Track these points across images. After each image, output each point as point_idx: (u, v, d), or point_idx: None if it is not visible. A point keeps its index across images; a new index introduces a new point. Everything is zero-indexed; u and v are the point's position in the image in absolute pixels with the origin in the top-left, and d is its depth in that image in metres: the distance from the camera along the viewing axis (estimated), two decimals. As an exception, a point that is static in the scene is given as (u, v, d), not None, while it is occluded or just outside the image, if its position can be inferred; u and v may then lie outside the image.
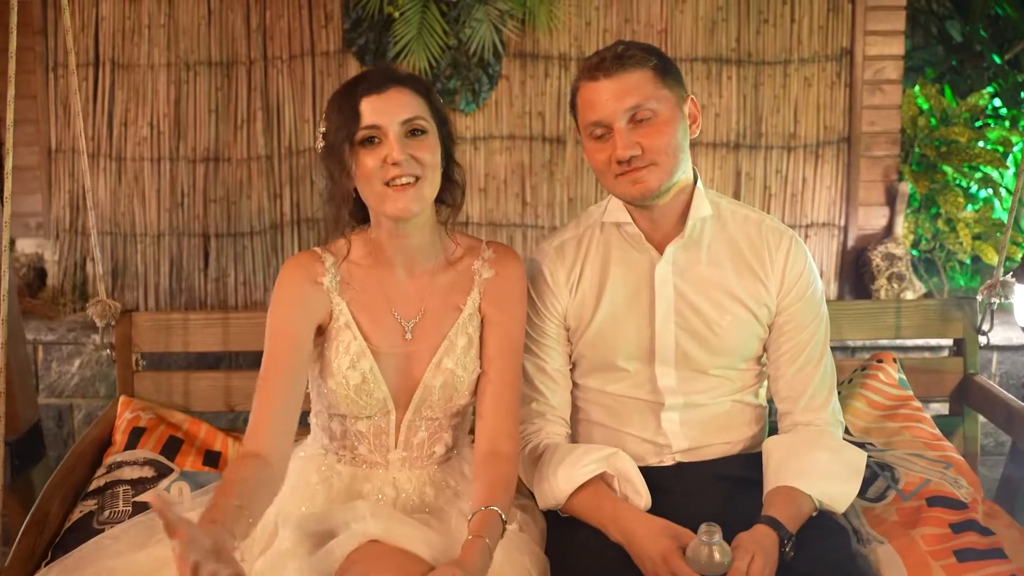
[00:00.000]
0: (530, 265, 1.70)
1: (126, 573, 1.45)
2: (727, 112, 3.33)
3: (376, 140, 1.41)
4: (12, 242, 3.39)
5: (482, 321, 1.55)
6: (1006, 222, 2.11)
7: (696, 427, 1.65)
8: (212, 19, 3.31)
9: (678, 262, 1.62)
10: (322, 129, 1.47)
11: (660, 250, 1.62)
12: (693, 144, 1.51)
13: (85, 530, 1.69)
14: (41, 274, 3.46)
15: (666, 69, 1.54)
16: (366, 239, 1.53)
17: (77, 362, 3.20)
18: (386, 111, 1.41)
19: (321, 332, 1.51)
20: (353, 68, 3.29)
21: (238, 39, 3.31)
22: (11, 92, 1.75)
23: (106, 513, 1.75)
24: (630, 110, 1.50)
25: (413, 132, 1.42)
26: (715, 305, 1.61)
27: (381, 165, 1.40)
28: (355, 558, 1.32)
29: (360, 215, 1.52)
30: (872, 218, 3.40)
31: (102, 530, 1.65)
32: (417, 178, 1.41)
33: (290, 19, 3.29)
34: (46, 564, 1.61)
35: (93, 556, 1.49)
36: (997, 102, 3.65)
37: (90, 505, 1.78)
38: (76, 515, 1.76)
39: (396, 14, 3.14)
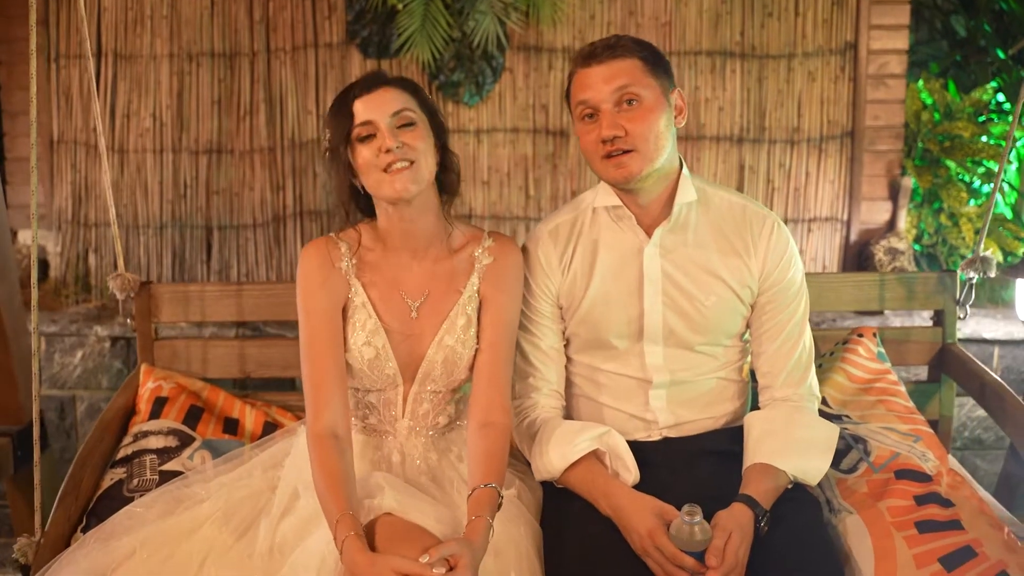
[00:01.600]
0: (526, 248, 1.84)
1: (158, 540, 1.59)
2: (731, 106, 3.36)
3: (371, 135, 1.60)
4: (14, 233, 3.40)
5: (480, 302, 1.72)
6: (986, 203, 2.24)
7: (682, 404, 1.79)
8: (215, 10, 3.35)
9: (665, 244, 1.75)
10: (327, 134, 1.65)
11: (648, 233, 1.75)
12: (696, 137, 1.54)
13: (116, 497, 1.84)
14: (43, 266, 3.47)
15: (655, 61, 1.69)
16: (375, 228, 1.71)
17: (79, 354, 3.23)
18: (376, 107, 1.59)
19: (342, 312, 1.70)
20: (356, 60, 3.34)
21: (241, 30, 3.35)
22: (33, 87, 1.86)
23: (135, 481, 1.89)
24: (617, 91, 1.65)
25: (404, 125, 1.60)
26: (700, 285, 1.75)
27: (377, 155, 1.58)
28: (373, 528, 1.49)
29: (368, 208, 1.71)
30: (875, 212, 3.44)
31: (132, 498, 1.80)
32: (412, 162, 1.59)
33: (293, 11, 3.33)
34: (81, 529, 1.78)
35: (127, 525, 1.64)
36: (1001, 97, 3.69)
37: (119, 473, 1.92)
38: (107, 483, 1.90)
39: (399, 6, 3.18)
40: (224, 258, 3.45)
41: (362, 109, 1.58)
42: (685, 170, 1.75)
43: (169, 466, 1.91)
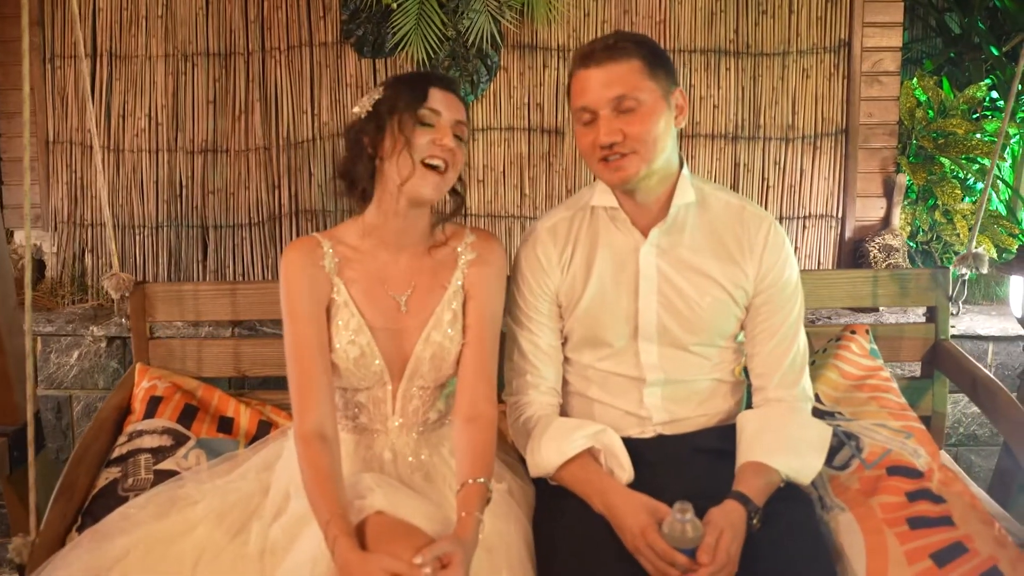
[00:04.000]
0: (525, 245, 1.84)
1: (152, 540, 1.61)
2: (725, 103, 3.36)
3: (430, 123, 1.61)
4: (10, 233, 3.40)
5: (464, 297, 1.74)
6: (979, 199, 2.27)
7: (676, 402, 1.79)
8: (210, 10, 3.35)
9: (661, 245, 1.75)
10: (376, 96, 1.64)
11: (645, 233, 1.75)
12: (691, 135, 1.54)
13: (111, 497, 1.86)
14: (39, 266, 3.47)
15: (655, 61, 1.66)
16: (360, 223, 1.72)
17: (76, 354, 3.22)
18: (447, 106, 1.63)
19: (326, 312, 1.70)
20: (351, 59, 3.34)
21: (236, 30, 3.34)
22: (26, 87, 1.93)
23: (130, 481, 1.90)
24: (615, 99, 1.63)
25: (456, 136, 1.64)
26: (695, 286, 1.75)
27: (429, 144, 1.60)
28: (363, 527, 1.49)
29: (361, 197, 1.71)
30: (869, 209, 3.44)
31: (127, 497, 1.81)
32: (448, 166, 1.63)
33: (288, 10, 3.33)
34: (77, 528, 1.79)
35: (121, 526, 1.65)
36: (995, 94, 3.68)
37: (114, 473, 1.93)
38: (102, 482, 1.91)
39: (394, 5, 3.17)
40: (220, 257, 3.43)
41: (437, 98, 1.61)
42: (686, 170, 1.75)
43: (164, 465, 1.92)
